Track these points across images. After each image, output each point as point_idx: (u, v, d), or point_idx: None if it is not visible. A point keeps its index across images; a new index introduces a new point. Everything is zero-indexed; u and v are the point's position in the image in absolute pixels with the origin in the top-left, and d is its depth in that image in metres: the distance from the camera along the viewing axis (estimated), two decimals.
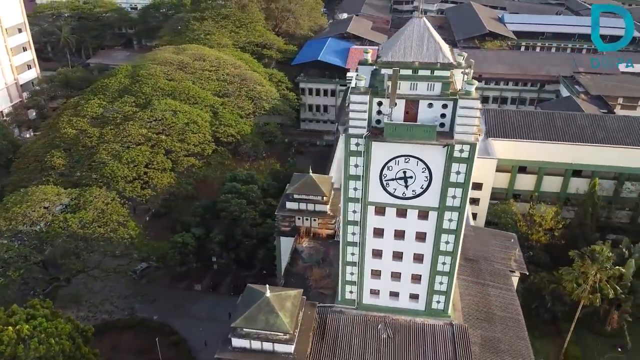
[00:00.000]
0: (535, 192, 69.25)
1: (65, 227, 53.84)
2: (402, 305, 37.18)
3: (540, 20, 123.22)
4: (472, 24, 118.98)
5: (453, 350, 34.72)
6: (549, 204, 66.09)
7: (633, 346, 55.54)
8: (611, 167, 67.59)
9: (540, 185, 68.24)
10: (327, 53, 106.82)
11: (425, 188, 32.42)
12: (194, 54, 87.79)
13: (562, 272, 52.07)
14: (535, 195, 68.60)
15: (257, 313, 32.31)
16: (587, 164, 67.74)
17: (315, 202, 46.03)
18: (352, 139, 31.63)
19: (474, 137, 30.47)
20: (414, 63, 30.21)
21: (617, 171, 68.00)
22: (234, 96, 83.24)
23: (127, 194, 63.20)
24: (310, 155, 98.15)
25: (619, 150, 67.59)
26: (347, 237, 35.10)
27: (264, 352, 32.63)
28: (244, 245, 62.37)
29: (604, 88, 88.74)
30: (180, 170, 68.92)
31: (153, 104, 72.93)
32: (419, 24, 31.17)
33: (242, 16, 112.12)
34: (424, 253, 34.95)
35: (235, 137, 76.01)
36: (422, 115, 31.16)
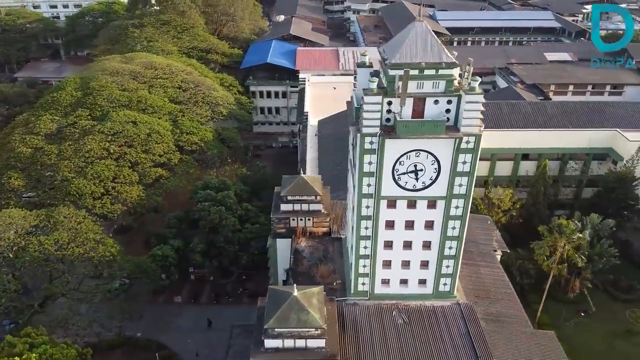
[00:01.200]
0: (490, 176, 74.37)
1: (42, 250, 51.42)
2: (412, 291, 39.50)
3: (469, 16, 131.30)
4: (407, 23, 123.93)
5: (465, 327, 37.47)
6: (503, 187, 71.36)
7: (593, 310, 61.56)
8: (555, 149, 74.03)
9: (494, 170, 73.43)
10: (274, 55, 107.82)
11: (434, 179, 34.84)
12: (143, 62, 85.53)
13: (533, 246, 56.83)
14: (490, 180, 73.77)
15: (288, 312, 33.23)
16: (535, 147, 73.78)
17: (310, 202, 47.28)
18: (366, 137, 33.32)
19: (478, 129, 33.23)
20: (420, 64, 32.43)
21: (560, 152, 74.59)
22: (191, 103, 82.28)
23: (97, 211, 61.19)
24: (268, 158, 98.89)
25: (560, 133, 74.24)
26: (360, 231, 36.78)
27: (296, 350, 33.61)
28: (226, 253, 62.24)
29: (536, 77, 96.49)
30: (148, 182, 67.38)
31: (111, 116, 70.57)
32: (421, 27, 33.43)
33: (183, 21, 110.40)
34: (431, 240, 37.41)
35: (198, 144, 75.23)
36: (429, 112, 33.50)
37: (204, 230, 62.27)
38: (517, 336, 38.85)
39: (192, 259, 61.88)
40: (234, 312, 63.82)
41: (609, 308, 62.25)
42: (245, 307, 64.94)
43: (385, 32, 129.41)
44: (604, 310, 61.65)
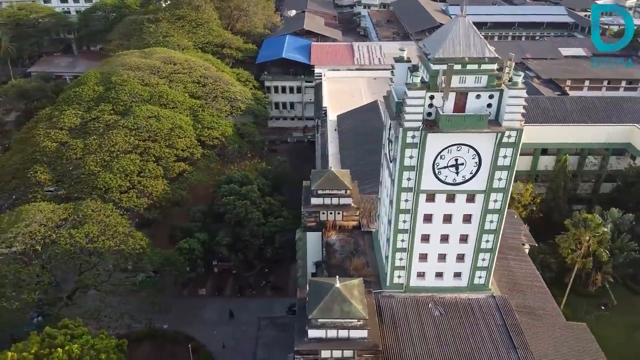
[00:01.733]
0: None
1: (73, 243, 52.09)
2: (447, 284, 40.05)
3: (482, 10, 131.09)
4: (422, 17, 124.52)
5: (501, 318, 38.04)
6: (523, 182, 71.78)
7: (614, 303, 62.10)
8: (574, 144, 74.38)
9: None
10: (289, 50, 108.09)
11: (474, 173, 35.30)
12: (162, 57, 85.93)
13: (558, 239, 57.37)
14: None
15: (332, 303, 33.81)
16: (554, 142, 74.10)
17: (340, 195, 47.75)
18: (408, 132, 33.77)
19: (519, 123, 33.67)
20: (464, 58, 32.85)
21: (579, 147, 74.93)
22: (210, 98, 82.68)
23: (124, 205, 61.71)
24: (283, 152, 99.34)
25: (579, 128, 74.59)
26: (398, 225, 37.29)
27: (339, 340, 34.22)
28: (251, 246, 62.88)
29: (552, 72, 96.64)
30: (172, 176, 67.96)
31: (134, 110, 71.07)
32: (464, 22, 33.79)
33: (197, 16, 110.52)
34: (469, 234, 37.92)
35: (219, 139, 75.75)
36: (470, 106, 33.95)
37: (230, 223, 62.90)
38: (550, 328, 39.40)
39: (218, 252, 62.57)
40: (257, 305, 64.68)
41: (629, 301, 62.82)
42: (269, 300, 65.97)
43: (398, 27, 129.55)
44: (625, 304, 62.22)
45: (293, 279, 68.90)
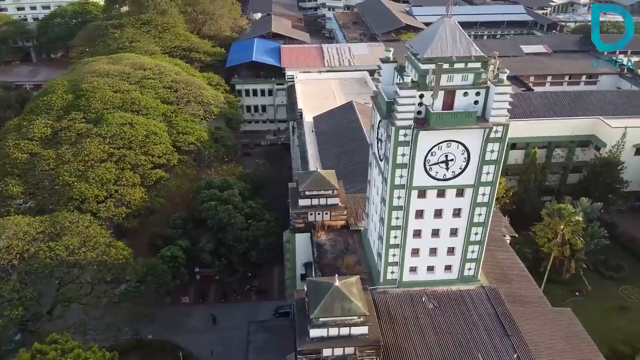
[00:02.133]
0: None
1: (53, 256, 50.65)
2: (438, 277, 41.06)
3: (444, 11, 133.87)
4: (387, 19, 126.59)
5: (492, 308, 39.31)
6: None
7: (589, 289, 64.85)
8: (542, 138, 77.40)
9: None
10: (259, 53, 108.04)
11: (463, 168, 36.40)
12: (132, 63, 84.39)
13: (535, 229, 59.57)
14: None
15: (332, 302, 34.17)
16: (523, 136, 76.78)
17: (327, 196, 48.20)
18: (400, 130, 34.54)
19: (505, 119, 34.98)
20: (451, 57, 33.88)
21: (547, 140, 77.98)
22: (183, 103, 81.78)
23: (102, 215, 60.38)
24: (258, 156, 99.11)
25: (546, 122, 77.71)
26: (391, 221, 38.01)
27: (341, 337, 34.63)
28: (235, 251, 62.55)
29: (516, 69, 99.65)
30: (149, 183, 66.86)
31: (106, 118, 69.55)
32: (450, 22, 34.86)
33: (163, 21, 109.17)
34: (459, 227, 39.02)
35: (195, 144, 75.01)
36: (458, 103, 35.02)
37: (212, 229, 62.38)
38: (538, 314, 40.98)
39: (202, 259, 61.93)
40: (243, 309, 64.32)
41: (601, 286, 65.65)
42: (254, 304, 65.73)
43: (364, 28, 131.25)
44: (597, 289, 64.98)
45: (277, 282, 69.05)
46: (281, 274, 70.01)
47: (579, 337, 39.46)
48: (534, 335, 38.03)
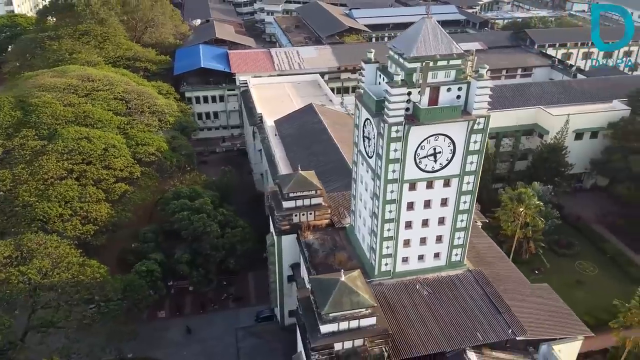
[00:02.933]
0: None
1: (26, 280, 48.15)
2: (428, 265, 43.11)
3: (383, 13, 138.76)
4: (331, 22, 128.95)
5: (481, 289, 41.83)
6: None
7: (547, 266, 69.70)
8: (491, 129, 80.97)
9: None
10: (207, 59, 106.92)
11: (450, 159, 38.58)
12: (79, 75, 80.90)
13: (498, 213, 63.37)
14: None
15: (340, 296, 35.12)
16: None
17: (311, 196, 49.12)
18: (393, 127, 36.12)
19: (486, 111, 37.49)
20: (435, 56, 35.90)
21: (495, 131, 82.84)
22: (138, 113, 79.50)
23: (69, 234, 57.80)
24: (215, 163, 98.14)
25: (494, 113, 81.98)
26: (385, 215, 39.54)
27: (351, 331, 35.68)
28: (213, 259, 61.87)
29: None
30: (114, 198, 64.65)
31: (61, 133, 66.46)
32: (431, 23, 36.85)
33: (103, 30, 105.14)
34: (446, 216, 41.23)
35: (156, 155, 73.24)
36: (442, 99, 37.14)
37: (187, 239, 61.34)
38: (521, 292, 43.98)
39: (179, 270, 60.76)
40: (222, 318, 63.83)
41: (557, 264, 70.82)
42: (233, 312, 65.29)
43: (307, 32, 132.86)
44: (555, 267, 70.02)
45: (254, 288, 68.92)
46: (256, 280, 70.02)
47: (560, 309, 42.80)
48: (521, 310, 40.81)
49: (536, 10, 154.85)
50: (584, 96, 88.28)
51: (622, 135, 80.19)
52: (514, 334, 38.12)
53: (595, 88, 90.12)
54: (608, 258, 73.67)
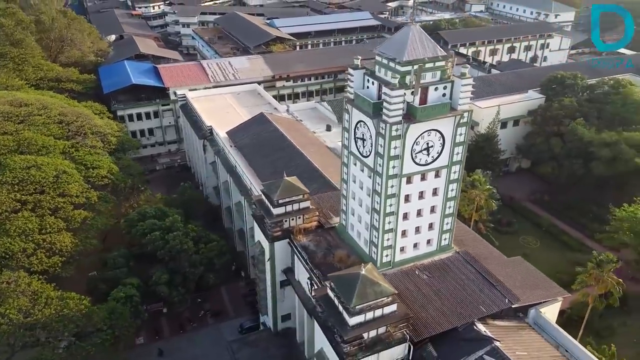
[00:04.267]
0: None
1: (7, 321, 45.00)
2: (422, 251, 46.50)
3: (304, 22, 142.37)
4: (257, 32, 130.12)
5: (472, 267, 45.94)
6: None
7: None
8: None
9: None
10: (137, 76, 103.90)
11: (440, 152, 42.23)
12: (9, 100, 75.35)
13: None
14: None
15: (364, 288, 37.21)
16: None
17: (299, 200, 50.63)
18: (393, 126, 39.02)
19: (469, 106, 41.67)
20: (424, 59, 39.38)
21: None
22: (80, 136, 75.75)
23: (36, 268, 54.32)
24: (159, 181, 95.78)
25: None
26: (386, 209, 42.31)
27: (376, 319, 37.89)
28: (192, 277, 60.95)
29: None
30: (75, 226, 61.41)
31: (7, 163, 61.99)
32: (416, 29, 40.21)
33: (20, 52, 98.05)
34: (436, 204, 44.83)
35: (108, 177, 70.43)
36: (431, 97, 40.68)
37: (164, 259, 59.93)
38: (501, 266, 48.69)
39: (159, 292, 59.16)
40: (204, 336, 63.35)
41: (504, 241, 77.88)
42: (214, 327, 64.91)
43: (232, 43, 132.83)
44: (502, 243, 76.68)
45: (229, 301, 68.71)
46: (230, 292, 69.99)
47: (537, 276, 48.13)
48: (508, 281, 45.47)
49: (439, 13, 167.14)
50: (503, 88, 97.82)
51: (542, 121, 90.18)
52: (510, 302, 42.55)
53: (512, 81, 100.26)
54: (544, 231, 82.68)
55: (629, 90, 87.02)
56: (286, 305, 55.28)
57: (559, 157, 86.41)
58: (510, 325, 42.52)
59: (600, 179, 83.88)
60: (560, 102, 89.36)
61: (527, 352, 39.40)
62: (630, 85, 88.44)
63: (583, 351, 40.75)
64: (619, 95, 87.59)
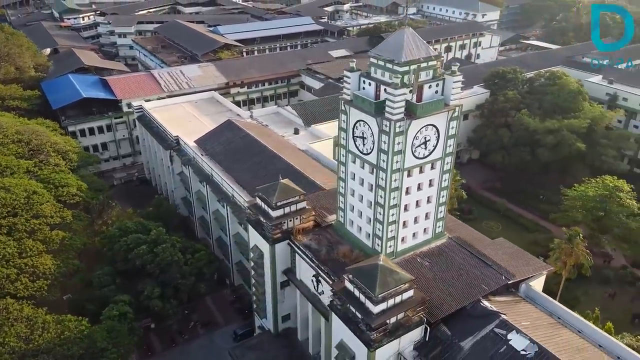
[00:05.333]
0: None
1: (8, 350, 43.01)
2: (420, 240, 49.30)
3: (248, 28, 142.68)
4: (203, 40, 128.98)
5: (467, 251, 49.38)
6: None
7: None
8: None
9: None
10: (86, 89, 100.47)
11: (435, 145, 45.30)
12: None
13: None
14: None
15: (385, 277, 39.33)
16: None
17: (296, 202, 52.00)
18: (397, 123, 41.54)
19: (459, 100, 45.07)
20: (419, 59, 42.27)
21: None
22: (43, 154, 72.48)
23: (21, 294, 51.90)
24: (122, 196, 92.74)
25: None
26: (390, 202, 44.74)
27: (396, 305, 40.13)
28: (184, 287, 60.34)
29: (335, 71, 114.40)
30: (54, 247, 59.01)
31: None
32: (409, 32, 42.96)
33: None
34: (432, 194, 47.82)
35: (79, 195, 68.04)
36: (426, 95, 43.62)
37: (154, 273, 58.91)
38: (487, 246, 52.55)
39: (153, 306, 58.10)
40: (198, 347, 63.13)
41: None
42: (206, 337, 64.75)
43: (177, 51, 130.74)
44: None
45: (217, 309, 68.51)
46: (216, 301, 69.76)
47: (521, 253, 52.43)
48: (498, 260, 49.37)
49: (375, 16, 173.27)
50: None
51: (489, 114, 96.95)
52: (507, 279, 46.36)
53: None
54: (502, 215, 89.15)
55: (565, 81, 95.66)
56: (286, 306, 56.32)
57: (507, 146, 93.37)
58: (508, 300, 46.29)
59: (545, 164, 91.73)
60: (505, 95, 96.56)
61: (530, 322, 43.23)
62: (565, 77, 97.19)
63: (575, 316, 45.29)
64: (555, 86, 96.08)
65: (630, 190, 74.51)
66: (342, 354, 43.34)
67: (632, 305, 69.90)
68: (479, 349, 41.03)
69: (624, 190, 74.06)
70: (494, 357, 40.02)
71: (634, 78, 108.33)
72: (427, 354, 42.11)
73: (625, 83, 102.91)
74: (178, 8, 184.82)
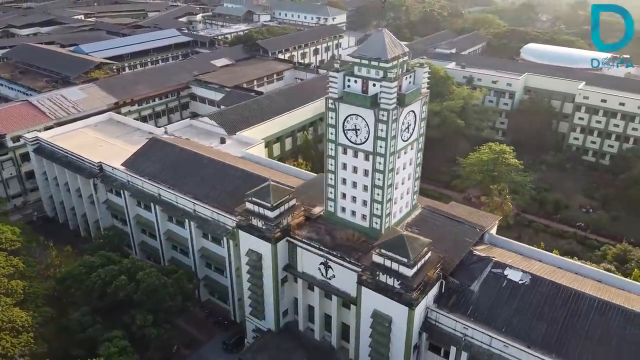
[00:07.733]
0: (284, 150, 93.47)
1: None
2: (404, 213, 56.29)
3: (113, 44, 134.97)
4: (73, 61, 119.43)
5: (442, 216, 57.43)
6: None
7: None
8: (299, 123, 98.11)
9: (285, 146, 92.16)
10: None
11: (413, 129, 52.66)
12: None
13: None
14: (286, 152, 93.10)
15: (412, 245, 45.20)
16: (289, 126, 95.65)
17: (288, 200, 55.06)
18: (393, 111, 47.75)
19: (426, 89, 53.00)
20: (399, 55, 49.06)
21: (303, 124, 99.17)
22: None
23: (11, 352, 46.71)
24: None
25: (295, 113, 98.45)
26: (387, 181, 50.83)
27: (422, 267, 46.43)
28: (175, 309, 58.67)
29: (224, 79, 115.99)
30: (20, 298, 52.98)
31: None
32: (387, 32, 49.35)
33: None
34: (411, 172, 55.04)
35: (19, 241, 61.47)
36: (404, 86, 50.71)
37: (142, 300, 56.24)
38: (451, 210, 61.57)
39: (148, 335, 55.42)
40: None
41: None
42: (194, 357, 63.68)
43: (40, 75, 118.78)
44: None
45: (195, 327, 67.36)
46: (189, 320, 68.51)
47: (473, 210, 62.69)
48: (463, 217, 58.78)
49: (235, 25, 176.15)
50: None
51: None
52: (480, 230, 55.89)
53: None
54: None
55: (434, 69, 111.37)
56: (284, 302, 58.85)
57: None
58: (485, 248, 55.88)
59: (432, 141, 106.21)
60: None
61: (511, 260, 53.19)
62: (432, 66, 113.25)
63: (535, 250, 56.68)
64: None
65: (511, 152, 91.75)
66: (378, 321, 48.31)
67: (531, 243, 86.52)
68: (486, 287, 49.69)
69: (507, 152, 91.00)
70: (501, 291, 48.99)
71: (478, 62, 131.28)
72: (446, 304, 49.45)
73: (475, 67, 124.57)
74: (11, 31, 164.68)
